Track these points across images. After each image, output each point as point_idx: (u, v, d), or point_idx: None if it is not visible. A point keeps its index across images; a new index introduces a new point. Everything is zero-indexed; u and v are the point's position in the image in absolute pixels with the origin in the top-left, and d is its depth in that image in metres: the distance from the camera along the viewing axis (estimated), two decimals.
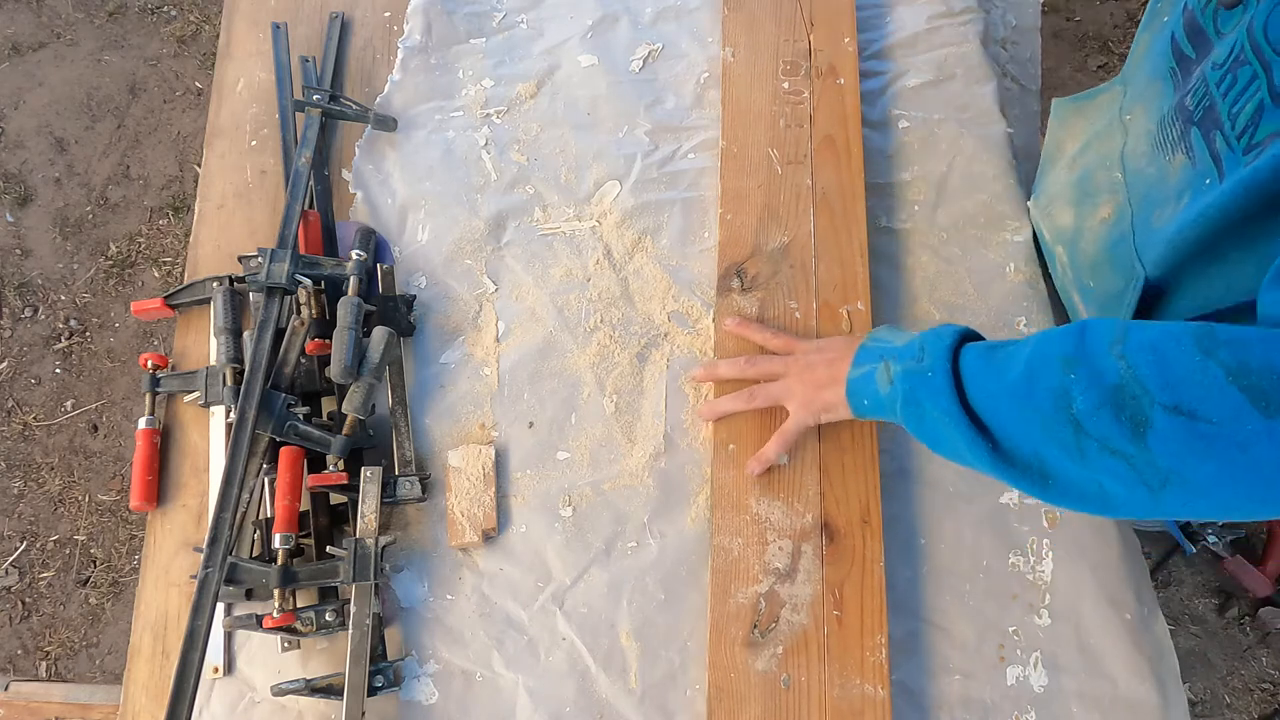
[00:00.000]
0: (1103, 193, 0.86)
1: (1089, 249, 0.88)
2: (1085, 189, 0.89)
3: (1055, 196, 0.95)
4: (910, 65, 1.11)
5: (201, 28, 2.38)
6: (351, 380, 0.85)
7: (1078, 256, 0.90)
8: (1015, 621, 0.83)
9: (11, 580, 1.84)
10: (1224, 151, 0.64)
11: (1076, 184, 0.90)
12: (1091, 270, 0.88)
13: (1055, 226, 0.95)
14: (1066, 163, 0.94)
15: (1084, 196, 0.89)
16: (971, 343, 0.70)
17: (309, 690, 0.77)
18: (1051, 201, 0.96)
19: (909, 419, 0.70)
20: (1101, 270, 0.86)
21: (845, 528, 0.82)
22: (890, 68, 1.11)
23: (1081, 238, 0.89)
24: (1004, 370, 0.64)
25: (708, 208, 1.02)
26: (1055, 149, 0.98)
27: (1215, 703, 1.70)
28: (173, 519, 0.91)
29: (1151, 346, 0.55)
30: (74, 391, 2.00)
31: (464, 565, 0.87)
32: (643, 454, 0.90)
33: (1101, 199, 0.85)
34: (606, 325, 0.96)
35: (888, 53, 1.12)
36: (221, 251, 1.03)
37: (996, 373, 0.65)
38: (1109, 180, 0.84)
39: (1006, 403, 0.63)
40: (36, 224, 2.15)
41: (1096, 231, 0.86)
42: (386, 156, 1.07)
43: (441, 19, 1.14)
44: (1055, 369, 0.59)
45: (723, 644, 0.78)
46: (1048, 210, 0.96)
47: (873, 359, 0.75)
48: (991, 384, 0.65)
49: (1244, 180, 0.60)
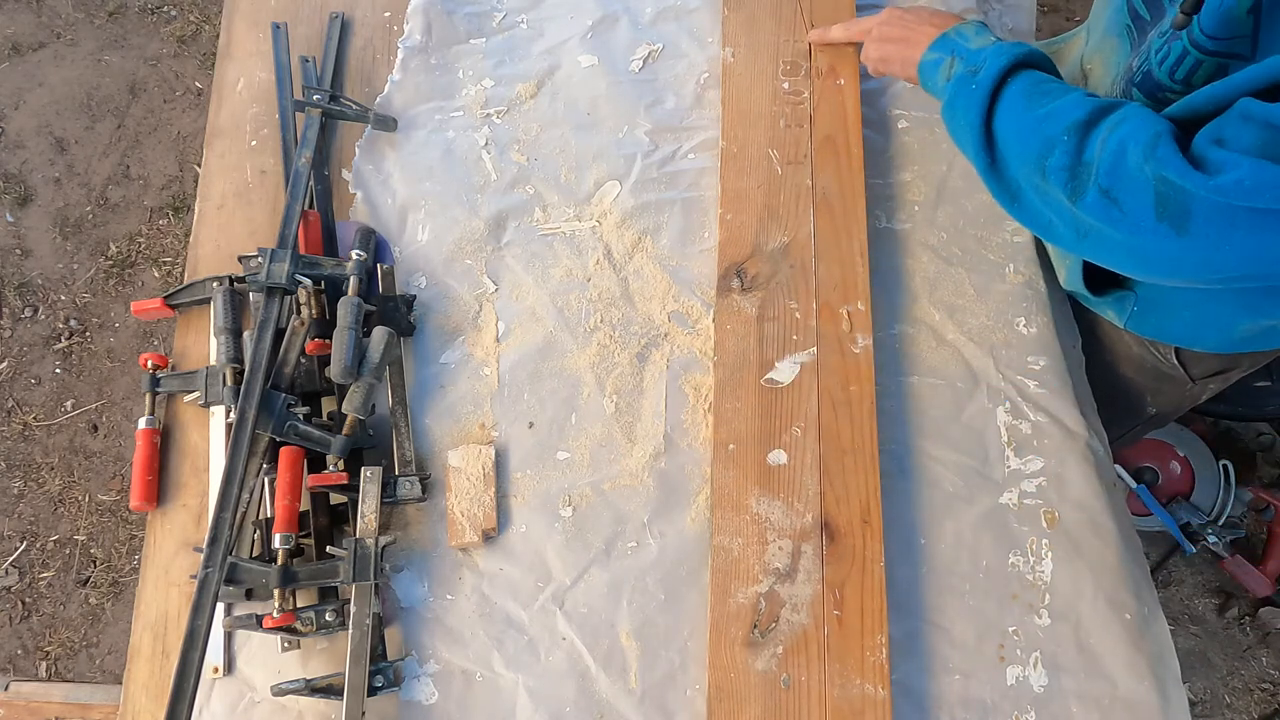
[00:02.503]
0: None
1: None
2: None
3: None
4: None
5: (201, 28, 2.38)
6: (351, 380, 0.85)
7: None
8: (1015, 621, 0.83)
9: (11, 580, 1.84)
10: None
11: None
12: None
13: None
14: None
15: None
16: (1026, 70, 0.77)
17: (309, 690, 0.77)
18: None
19: (946, 114, 0.82)
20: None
21: (845, 527, 0.82)
22: None
23: None
24: (1032, 107, 0.74)
25: (708, 208, 1.02)
26: None
27: (1215, 703, 1.70)
28: (173, 519, 0.91)
29: (1120, 142, 0.67)
30: (74, 391, 2.00)
31: (464, 565, 0.87)
32: (643, 454, 0.90)
33: None
34: (606, 325, 0.96)
35: None
36: (221, 251, 1.03)
37: (1025, 107, 0.75)
38: None
39: (1014, 134, 0.75)
40: (36, 224, 2.15)
41: None
42: (386, 156, 1.07)
43: (441, 19, 1.14)
44: (1060, 125, 0.71)
45: (723, 644, 0.78)
46: None
47: (945, 50, 0.84)
48: (1014, 116, 0.76)
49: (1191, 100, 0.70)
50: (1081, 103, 0.72)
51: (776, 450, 0.85)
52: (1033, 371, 0.93)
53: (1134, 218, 0.66)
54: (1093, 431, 0.92)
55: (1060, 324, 0.96)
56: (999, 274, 0.98)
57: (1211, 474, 1.73)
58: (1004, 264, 0.99)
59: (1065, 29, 2.29)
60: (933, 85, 0.86)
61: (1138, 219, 0.66)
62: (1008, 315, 0.96)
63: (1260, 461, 1.84)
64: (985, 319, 0.96)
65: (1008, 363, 0.94)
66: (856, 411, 0.87)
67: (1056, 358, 0.94)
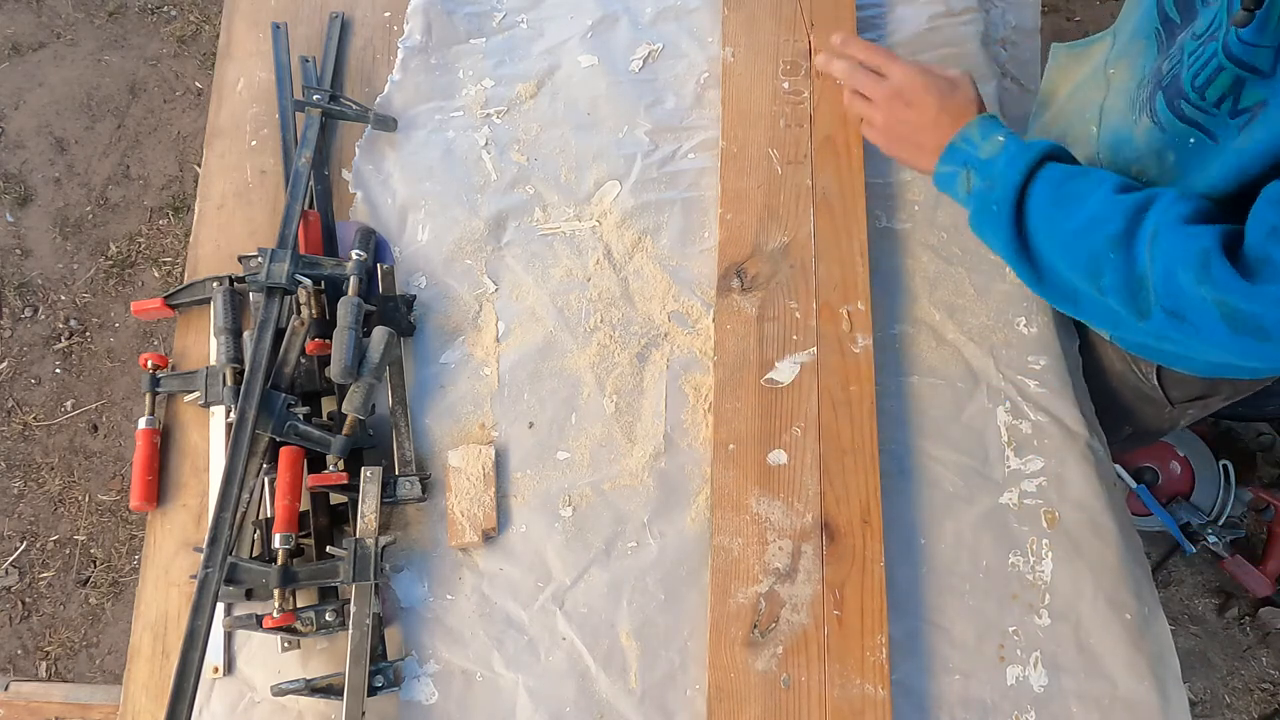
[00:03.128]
0: (1077, 144, 0.86)
1: None
2: (1063, 138, 0.89)
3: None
4: None
5: (201, 28, 2.38)
6: (351, 380, 0.85)
7: None
8: (1015, 621, 0.83)
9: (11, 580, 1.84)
10: (1201, 117, 0.68)
11: (1057, 133, 0.91)
12: None
13: None
14: (1054, 109, 0.94)
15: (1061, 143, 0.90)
16: (1042, 172, 0.74)
17: (309, 690, 0.77)
18: None
19: (975, 230, 0.80)
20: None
21: (845, 527, 0.82)
22: None
23: None
24: (1062, 219, 0.72)
25: (708, 208, 1.02)
26: (1049, 93, 0.97)
27: (1215, 703, 1.70)
28: (173, 519, 0.91)
29: (1166, 266, 0.65)
30: (74, 391, 2.00)
31: (464, 565, 0.87)
32: (643, 454, 0.90)
33: (1077, 150, 0.85)
34: (606, 325, 0.96)
35: None
36: (221, 251, 1.03)
37: (1056, 219, 0.73)
38: (1085, 132, 0.85)
39: (1055, 248, 0.73)
40: (36, 224, 2.15)
41: None
42: (386, 156, 1.07)
43: (441, 19, 1.14)
44: (1101, 239, 0.69)
45: (723, 644, 0.78)
46: None
47: (957, 163, 0.80)
48: (1047, 228, 0.73)
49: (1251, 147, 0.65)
50: (1113, 209, 0.69)
51: (776, 450, 0.85)
52: (1033, 371, 0.93)
53: (1207, 333, 0.64)
54: (1093, 431, 0.91)
55: (1060, 324, 0.96)
56: (999, 274, 0.98)
57: (1211, 474, 1.73)
58: (1004, 264, 0.99)
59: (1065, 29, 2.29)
60: (954, 195, 0.82)
61: (1212, 334, 0.64)
62: (1008, 315, 0.96)
63: (1260, 461, 1.84)
64: (985, 319, 0.96)
65: (1008, 362, 0.94)
66: (856, 411, 0.87)
67: (1056, 357, 0.94)
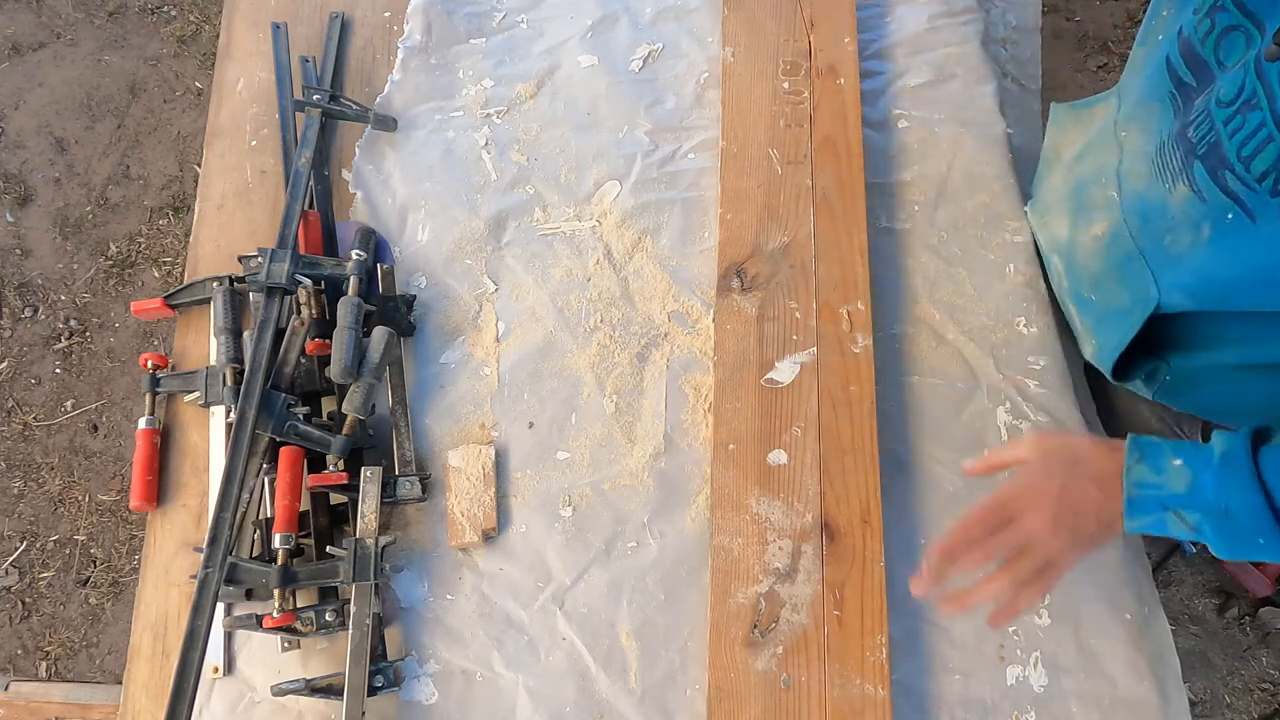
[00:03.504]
0: (1098, 209, 0.84)
1: (1089, 263, 0.87)
2: (1080, 201, 0.88)
3: (1051, 205, 0.94)
4: (910, 65, 1.11)
5: (201, 28, 2.38)
6: (351, 380, 0.85)
7: (1075, 269, 0.90)
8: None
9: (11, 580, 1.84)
10: (1243, 191, 0.64)
11: (1072, 194, 0.89)
12: (1094, 284, 0.87)
13: (1051, 236, 0.94)
14: (1063, 170, 0.93)
15: (1079, 209, 0.88)
16: (1263, 451, 0.65)
17: (309, 690, 0.77)
18: (1048, 209, 0.95)
19: (1223, 551, 0.67)
20: (1106, 286, 0.85)
21: (845, 527, 0.82)
22: (890, 68, 1.11)
23: (1078, 251, 0.88)
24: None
25: (708, 208, 1.02)
26: (1053, 154, 0.97)
27: (1215, 703, 1.70)
28: (173, 519, 0.91)
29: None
30: (74, 391, 2.00)
31: (464, 565, 0.87)
32: (643, 454, 0.90)
33: (1096, 215, 0.84)
34: (606, 325, 0.96)
35: (888, 53, 1.12)
36: (221, 251, 1.03)
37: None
38: (1104, 197, 0.83)
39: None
40: (36, 224, 2.15)
41: (1092, 248, 0.85)
42: (386, 156, 1.07)
43: (441, 19, 1.14)
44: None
45: (723, 644, 0.78)
46: (1044, 218, 0.96)
47: (1154, 509, 0.68)
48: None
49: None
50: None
51: (776, 450, 0.85)
52: (1033, 371, 0.93)
53: None
54: (1093, 432, 0.91)
55: (1061, 324, 0.96)
56: (999, 274, 0.98)
57: None
58: (1004, 264, 0.99)
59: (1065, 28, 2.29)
60: (1169, 533, 0.69)
61: None
62: (1008, 315, 0.96)
63: None
64: (985, 319, 0.96)
65: (1008, 362, 0.94)
66: (856, 411, 0.87)
67: (1057, 358, 0.94)
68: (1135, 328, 0.80)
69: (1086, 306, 0.89)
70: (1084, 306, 0.90)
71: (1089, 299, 0.88)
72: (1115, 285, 0.83)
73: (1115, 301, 0.83)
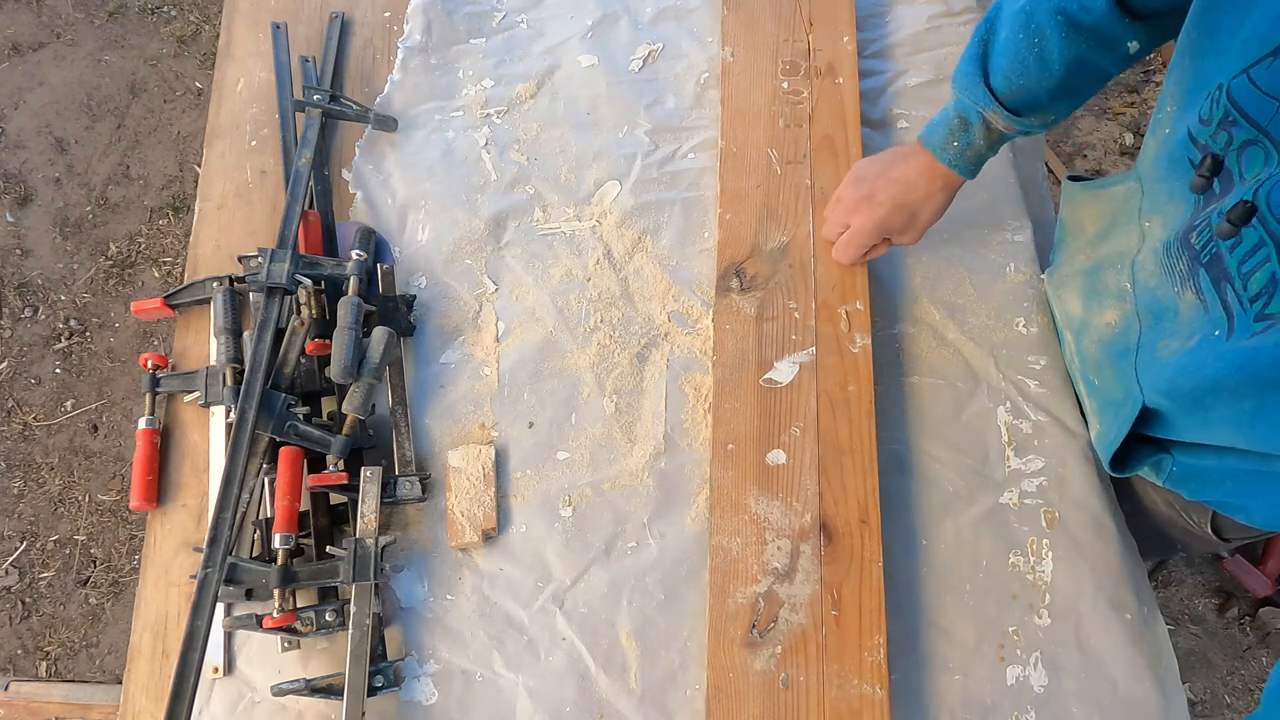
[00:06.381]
0: (1111, 297, 0.83)
1: (1093, 349, 0.86)
2: (1095, 285, 0.86)
3: (1068, 279, 0.92)
4: (910, 65, 1.11)
5: (201, 28, 2.38)
6: (351, 380, 0.85)
7: (1083, 349, 0.88)
8: (1015, 621, 0.83)
9: (11, 580, 1.84)
10: (1236, 308, 0.64)
11: (1089, 275, 0.87)
12: (1096, 369, 0.86)
13: (1065, 311, 0.92)
14: (1086, 244, 0.90)
15: (1093, 293, 0.86)
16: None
17: (309, 690, 0.77)
18: (1064, 283, 0.92)
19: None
20: (1104, 374, 0.84)
21: (844, 527, 0.82)
22: (890, 67, 1.11)
23: (1087, 333, 0.87)
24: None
25: (707, 208, 1.02)
26: (1073, 226, 0.93)
27: (1215, 703, 1.70)
28: (173, 519, 0.91)
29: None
30: (74, 391, 2.00)
31: (464, 565, 0.87)
32: (643, 454, 0.90)
33: (1109, 303, 0.83)
34: (606, 325, 0.96)
35: (888, 52, 1.12)
36: (221, 251, 1.03)
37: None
38: (1118, 286, 0.82)
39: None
40: (36, 224, 2.15)
41: (1102, 333, 0.84)
42: (386, 156, 1.07)
43: (441, 19, 1.14)
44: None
45: (722, 644, 0.78)
46: (1059, 291, 0.93)
47: (942, 129, 0.85)
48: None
49: (1242, 354, 0.62)
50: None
51: (775, 450, 0.85)
52: (1033, 371, 0.93)
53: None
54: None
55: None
56: (999, 273, 0.98)
57: None
58: (1004, 263, 0.99)
59: None
60: (958, 141, 0.85)
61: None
62: (1008, 315, 0.96)
63: None
64: (985, 318, 0.96)
65: (1008, 362, 0.94)
66: (855, 411, 0.87)
67: (1057, 357, 0.94)
68: (1129, 422, 0.78)
69: (1092, 390, 0.88)
70: (1090, 388, 0.88)
71: (1094, 382, 0.87)
72: (1111, 376, 0.83)
73: (1112, 393, 0.83)
